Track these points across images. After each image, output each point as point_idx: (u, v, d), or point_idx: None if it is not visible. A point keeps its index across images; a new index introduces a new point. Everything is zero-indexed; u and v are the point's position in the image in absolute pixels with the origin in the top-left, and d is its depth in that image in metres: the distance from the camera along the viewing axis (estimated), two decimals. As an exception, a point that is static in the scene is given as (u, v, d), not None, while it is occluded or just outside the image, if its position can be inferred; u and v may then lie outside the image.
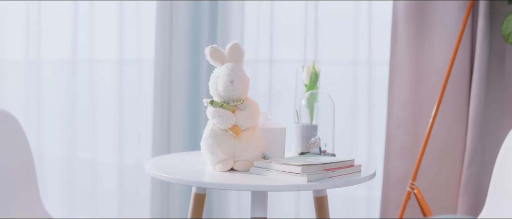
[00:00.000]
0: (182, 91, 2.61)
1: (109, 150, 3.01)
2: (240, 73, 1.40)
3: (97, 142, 3.03)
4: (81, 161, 3.06)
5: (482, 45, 2.10)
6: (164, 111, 2.66)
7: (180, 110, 2.61)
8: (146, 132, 2.85)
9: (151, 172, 1.40)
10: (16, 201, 1.67)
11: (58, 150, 3.13)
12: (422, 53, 2.23)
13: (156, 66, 2.68)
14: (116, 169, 2.94)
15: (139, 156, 2.92)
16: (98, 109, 3.02)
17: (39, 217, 1.72)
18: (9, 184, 1.65)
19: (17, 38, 3.18)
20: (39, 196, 1.74)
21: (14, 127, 1.66)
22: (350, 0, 2.41)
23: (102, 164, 3.04)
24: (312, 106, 1.61)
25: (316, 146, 1.55)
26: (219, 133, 1.39)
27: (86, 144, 3.04)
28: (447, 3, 2.17)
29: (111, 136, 2.98)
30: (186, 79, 2.61)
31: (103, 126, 3.03)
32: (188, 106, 2.61)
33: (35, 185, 1.74)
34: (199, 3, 2.59)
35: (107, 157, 3.03)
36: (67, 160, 3.07)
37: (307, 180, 1.27)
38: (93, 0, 2.96)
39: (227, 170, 1.39)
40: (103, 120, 3.02)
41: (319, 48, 2.46)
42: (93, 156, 3.03)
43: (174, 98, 2.63)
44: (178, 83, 2.61)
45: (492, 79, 2.13)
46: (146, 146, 2.85)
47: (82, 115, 3.04)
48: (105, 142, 3.02)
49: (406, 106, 2.24)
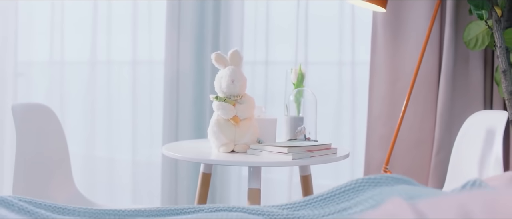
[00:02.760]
0: (189, 90, 2.91)
1: (124, 147, 3.22)
2: (239, 74, 1.74)
3: (114, 140, 3.25)
4: (99, 158, 3.24)
5: (449, 49, 2.43)
6: (173, 108, 2.93)
7: (187, 107, 2.92)
8: (157, 131, 3.08)
9: (167, 153, 1.75)
10: (53, 181, 2.00)
11: (78, 148, 3.29)
12: (397, 56, 2.56)
13: (166, 67, 2.95)
14: (130, 165, 3.17)
15: (151, 153, 3.16)
16: (115, 109, 3.23)
17: (73, 196, 2.04)
18: (47, 167, 1.98)
19: (42, 40, 3.33)
20: (72, 178, 2.08)
21: (52, 118, 2.00)
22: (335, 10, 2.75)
23: (119, 161, 3.23)
24: (299, 101, 1.95)
25: (301, 134, 1.89)
26: (222, 122, 1.73)
27: (104, 142, 3.25)
28: (418, 14, 2.51)
29: (126, 134, 3.19)
30: (192, 79, 2.91)
31: (119, 125, 3.24)
32: (194, 103, 2.92)
33: (69, 168, 2.07)
34: (204, 3, 2.89)
35: (123, 154, 3.24)
36: (86, 157, 3.27)
37: (292, 158, 1.61)
38: (111, 0, 3.15)
39: (229, 151, 1.73)
40: (119, 119, 3.23)
41: (309, 51, 2.80)
42: (110, 154, 3.24)
43: (181, 96, 2.92)
44: (185, 83, 2.92)
45: (457, 78, 2.46)
46: (157, 143, 3.10)
47: (100, 115, 3.24)
48: (120, 139, 3.24)
49: (383, 102, 2.58)
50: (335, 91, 2.78)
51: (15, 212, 1.10)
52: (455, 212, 0.57)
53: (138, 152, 3.21)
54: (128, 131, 3.21)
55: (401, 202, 0.61)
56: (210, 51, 2.82)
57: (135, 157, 3.21)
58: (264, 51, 2.89)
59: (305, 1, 2.78)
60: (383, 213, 0.61)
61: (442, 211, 0.58)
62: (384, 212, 0.62)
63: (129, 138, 3.21)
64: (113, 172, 3.28)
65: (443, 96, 2.44)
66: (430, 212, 0.58)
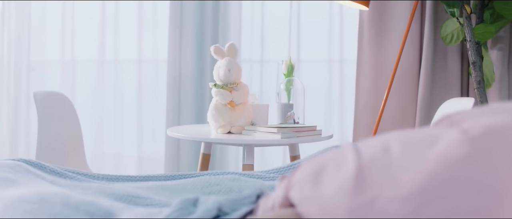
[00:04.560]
0: (190, 88, 3.11)
1: (130, 143, 3.38)
2: (235, 64, 1.98)
3: (121, 136, 3.40)
4: (107, 154, 3.38)
5: (428, 45, 2.66)
6: (175, 104, 3.13)
7: (189, 103, 3.12)
8: (160, 127, 3.25)
9: (171, 134, 1.98)
10: (68, 162, 2.23)
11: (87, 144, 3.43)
12: (382, 52, 2.80)
13: (169, 65, 3.14)
14: (135, 160, 3.34)
15: (155, 149, 3.32)
16: (121, 106, 3.38)
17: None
18: (63, 148, 2.21)
19: (54, 39, 3.45)
20: (85, 159, 2.31)
21: (67, 105, 2.23)
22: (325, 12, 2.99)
23: (125, 156, 3.37)
24: (289, 90, 2.18)
25: (291, 118, 2.12)
26: (220, 106, 1.96)
27: (111, 138, 3.41)
28: (400, 13, 2.74)
29: (132, 130, 3.35)
30: (193, 76, 3.10)
31: (125, 121, 3.38)
32: (195, 101, 3.12)
33: (82, 150, 2.30)
34: (204, 4, 3.10)
35: (129, 149, 3.39)
36: (95, 154, 3.39)
37: (281, 137, 1.84)
38: (118, 0, 3.31)
39: (226, 132, 1.96)
40: (125, 116, 3.37)
41: (301, 50, 3.03)
42: (117, 149, 3.39)
43: (183, 92, 3.12)
44: (187, 80, 3.11)
45: (436, 71, 2.70)
46: (160, 139, 3.27)
47: (108, 112, 3.38)
48: (127, 135, 3.39)
49: (369, 95, 2.81)
50: (325, 86, 3.01)
51: (48, 173, 1.33)
52: (380, 146, 0.78)
53: (143, 147, 3.35)
54: (134, 127, 3.34)
55: (348, 145, 0.83)
56: (210, 50, 3.03)
57: (140, 151, 3.35)
58: (260, 50, 3.12)
59: (297, 1, 3.01)
60: (336, 153, 0.84)
61: (371, 147, 0.79)
62: (335, 152, 0.84)
63: (135, 133, 3.35)
64: (119, 167, 3.41)
65: (423, 88, 2.67)
66: (363, 148, 0.80)
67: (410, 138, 0.76)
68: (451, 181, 0.65)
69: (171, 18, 3.15)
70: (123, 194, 1.17)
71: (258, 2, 3.11)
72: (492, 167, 0.65)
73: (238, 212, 0.91)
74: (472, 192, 0.64)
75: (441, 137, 0.72)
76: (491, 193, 0.64)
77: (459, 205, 0.65)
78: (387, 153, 0.74)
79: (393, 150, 0.74)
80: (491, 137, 0.68)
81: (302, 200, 0.77)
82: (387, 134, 0.83)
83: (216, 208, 0.90)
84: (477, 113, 0.76)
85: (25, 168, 1.28)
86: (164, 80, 3.22)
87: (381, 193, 0.68)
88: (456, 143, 0.68)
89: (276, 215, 0.82)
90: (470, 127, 0.70)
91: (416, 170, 0.68)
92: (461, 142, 0.68)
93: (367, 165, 0.73)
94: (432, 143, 0.71)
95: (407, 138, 0.76)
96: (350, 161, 0.75)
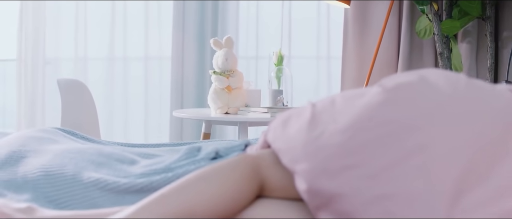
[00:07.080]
0: (192, 83, 3.38)
1: (137, 132, 3.61)
2: (231, 54, 2.30)
3: (129, 127, 3.62)
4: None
5: (405, 39, 2.98)
6: (178, 99, 3.39)
7: (191, 99, 3.39)
8: (165, 120, 3.49)
9: (177, 114, 2.29)
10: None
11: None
12: (364, 47, 3.11)
13: (173, 63, 3.39)
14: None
15: (160, 139, 3.55)
16: (130, 100, 3.58)
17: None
18: (82, 131, 2.53)
19: (68, 37, 3.63)
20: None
21: (85, 92, 2.54)
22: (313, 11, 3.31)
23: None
24: (279, 78, 2.50)
25: (280, 102, 2.44)
26: (219, 90, 2.28)
27: (120, 129, 3.62)
28: (381, 11, 3.05)
29: (139, 121, 3.58)
30: (194, 74, 3.38)
31: (133, 113, 3.59)
32: (196, 94, 3.38)
33: (98, 133, 2.61)
34: (204, 4, 3.39)
35: (135, 138, 3.60)
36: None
37: (270, 116, 2.15)
38: (126, 0, 3.52)
39: (223, 113, 2.28)
40: (133, 109, 3.58)
41: (292, 46, 3.34)
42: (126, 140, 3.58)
43: (186, 88, 3.39)
44: (189, 77, 3.37)
45: (413, 63, 3.01)
46: (165, 129, 3.50)
47: (118, 107, 3.57)
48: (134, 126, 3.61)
49: (353, 87, 3.12)
50: (313, 80, 3.33)
51: (79, 138, 1.64)
52: (329, 100, 1.10)
53: (149, 135, 3.59)
54: (140, 118, 3.57)
55: (310, 102, 1.14)
56: (210, 50, 3.27)
57: (146, 140, 3.58)
58: (255, 47, 3.42)
59: (289, 1, 3.33)
60: (299, 107, 1.15)
61: (323, 101, 1.11)
62: (299, 107, 1.16)
63: (141, 124, 3.59)
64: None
65: (401, 78, 2.98)
66: (318, 103, 1.12)
67: (349, 94, 1.08)
68: (371, 117, 0.97)
69: (174, 18, 3.40)
70: (140, 152, 1.49)
71: (253, 2, 3.43)
72: (399, 108, 0.97)
73: (231, 155, 1.23)
74: (385, 124, 0.96)
75: (368, 91, 1.04)
76: (398, 124, 0.95)
77: (377, 133, 0.96)
78: (333, 104, 1.05)
79: (337, 102, 1.05)
80: (399, 89, 0.99)
81: (274, 140, 1.09)
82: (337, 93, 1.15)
83: (214, 152, 1.22)
84: (396, 75, 1.08)
85: (61, 134, 1.60)
86: (168, 76, 3.44)
87: (326, 128, 1.00)
88: (375, 93, 1.00)
89: (258, 153, 1.14)
90: (386, 83, 1.01)
91: (349, 112, 1.00)
92: (379, 92, 0.99)
93: (318, 112, 1.05)
94: (362, 95, 1.03)
95: (347, 94, 1.08)
96: (308, 111, 1.07)
